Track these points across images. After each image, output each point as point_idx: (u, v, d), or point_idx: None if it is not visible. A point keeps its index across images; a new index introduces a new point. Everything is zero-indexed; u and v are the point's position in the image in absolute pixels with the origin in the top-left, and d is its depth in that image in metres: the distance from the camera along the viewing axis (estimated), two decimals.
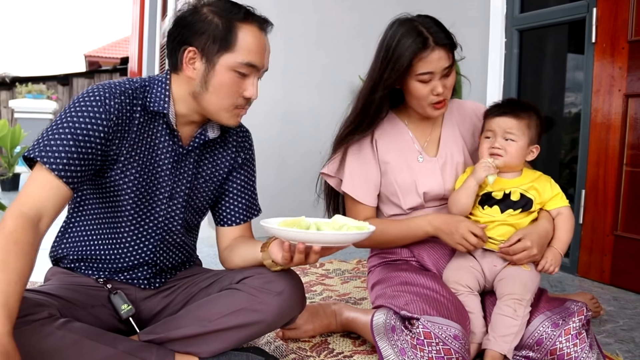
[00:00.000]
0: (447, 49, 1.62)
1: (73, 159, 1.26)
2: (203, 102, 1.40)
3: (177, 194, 1.48)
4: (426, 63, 1.60)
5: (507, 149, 1.63)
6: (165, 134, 1.44)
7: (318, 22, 3.74)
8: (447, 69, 1.63)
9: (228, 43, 1.35)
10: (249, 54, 1.37)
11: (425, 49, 1.59)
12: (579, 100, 2.89)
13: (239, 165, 1.60)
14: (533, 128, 1.65)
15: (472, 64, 3.51)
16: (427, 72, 1.62)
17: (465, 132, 1.85)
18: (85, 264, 1.48)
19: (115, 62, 12.67)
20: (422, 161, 1.78)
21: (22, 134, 6.22)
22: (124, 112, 1.35)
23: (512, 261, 1.60)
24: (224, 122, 1.44)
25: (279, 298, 1.38)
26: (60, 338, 1.16)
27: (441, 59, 1.61)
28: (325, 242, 1.27)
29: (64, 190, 1.25)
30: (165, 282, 1.56)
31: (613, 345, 1.82)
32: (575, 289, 2.51)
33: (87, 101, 1.31)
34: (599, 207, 2.62)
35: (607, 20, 2.57)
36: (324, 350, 1.71)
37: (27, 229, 1.15)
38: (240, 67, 1.37)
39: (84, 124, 1.28)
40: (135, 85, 1.40)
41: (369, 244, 1.83)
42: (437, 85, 1.63)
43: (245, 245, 1.52)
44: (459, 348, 1.42)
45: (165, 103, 1.41)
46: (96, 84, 1.37)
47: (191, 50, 1.37)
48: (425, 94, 1.66)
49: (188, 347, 1.37)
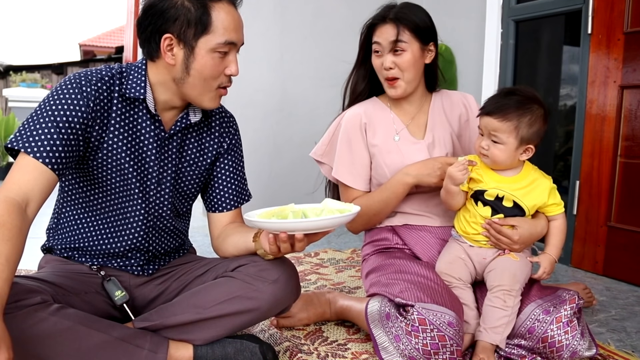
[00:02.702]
0: (397, 25, 1.72)
1: (56, 145, 1.26)
2: (186, 87, 1.40)
3: (164, 178, 1.48)
4: (376, 35, 1.76)
5: (492, 151, 1.56)
6: (147, 119, 1.44)
7: (313, 12, 3.73)
8: (394, 44, 1.72)
9: (204, 25, 1.34)
10: (226, 32, 1.36)
11: (380, 22, 1.75)
12: (574, 91, 2.89)
13: (225, 151, 1.60)
14: (525, 128, 1.53)
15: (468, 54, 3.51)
16: (376, 41, 1.76)
17: (453, 119, 1.87)
18: (79, 252, 1.49)
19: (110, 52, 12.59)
20: (398, 140, 1.81)
21: (16, 122, 6.20)
22: (101, 99, 1.36)
23: (491, 240, 1.60)
24: (205, 105, 1.44)
25: (273, 286, 1.39)
26: (53, 324, 1.16)
27: (388, 32, 1.73)
28: (305, 230, 1.26)
29: (49, 175, 1.25)
30: (159, 268, 1.57)
31: (605, 335, 1.84)
32: (568, 279, 2.53)
33: (65, 89, 1.33)
34: (593, 198, 2.63)
35: (604, 11, 2.56)
36: (318, 339, 1.71)
37: (14, 213, 1.14)
38: (221, 47, 1.36)
39: (63, 110, 1.29)
40: (112, 72, 1.41)
41: (361, 224, 1.87)
42: (386, 59, 1.74)
43: (238, 234, 1.52)
44: (453, 334, 1.43)
45: (142, 89, 1.41)
46: (73, 72, 1.38)
47: (167, 38, 1.36)
48: (378, 67, 1.79)
49: (183, 334, 1.38)
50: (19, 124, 6.26)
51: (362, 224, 1.87)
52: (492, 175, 1.61)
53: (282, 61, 3.65)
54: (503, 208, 1.60)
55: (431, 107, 1.87)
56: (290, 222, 1.26)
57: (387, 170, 1.79)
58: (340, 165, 1.83)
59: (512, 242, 1.57)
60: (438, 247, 1.76)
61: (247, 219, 1.30)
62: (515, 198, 1.59)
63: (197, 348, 1.37)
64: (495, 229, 1.58)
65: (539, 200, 1.60)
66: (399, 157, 1.79)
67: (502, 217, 1.60)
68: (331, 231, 1.32)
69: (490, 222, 1.59)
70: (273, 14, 3.62)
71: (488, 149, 1.57)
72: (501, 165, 1.59)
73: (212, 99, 1.43)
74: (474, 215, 1.63)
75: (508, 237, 1.57)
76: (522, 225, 1.59)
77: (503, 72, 3.24)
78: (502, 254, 1.61)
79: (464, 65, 3.57)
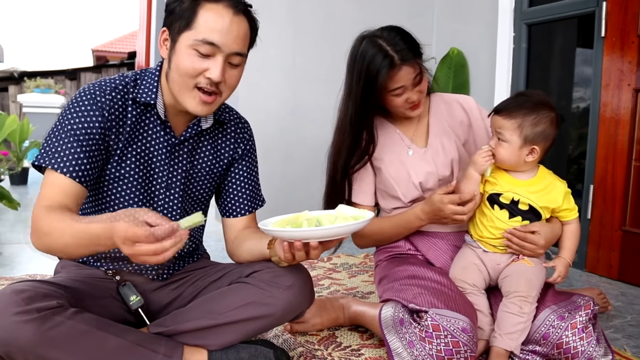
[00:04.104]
0: (413, 62, 1.66)
1: (80, 158, 1.31)
2: (170, 82, 1.41)
3: (173, 184, 1.49)
4: (396, 81, 1.67)
5: (497, 149, 1.59)
6: (157, 125, 1.46)
7: (325, 15, 3.74)
8: (416, 79, 1.68)
9: (188, 21, 1.34)
10: (207, 31, 1.33)
11: (392, 69, 1.64)
12: (588, 95, 2.87)
13: (239, 157, 1.61)
14: (529, 127, 1.54)
15: (481, 58, 3.51)
16: (398, 87, 1.68)
17: (454, 125, 1.86)
18: (94, 256, 1.50)
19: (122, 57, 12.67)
20: (412, 154, 1.81)
21: (30, 128, 6.25)
22: (116, 108, 1.38)
23: (513, 248, 1.60)
24: (188, 107, 1.39)
25: (288, 292, 1.39)
26: (70, 327, 1.17)
27: (409, 73, 1.66)
28: (319, 238, 1.26)
29: (79, 189, 1.32)
30: (174, 273, 1.58)
31: (621, 341, 1.82)
32: (583, 284, 2.51)
33: (80, 101, 1.36)
34: (607, 203, 2.61)
35: (617, 14, 2.55)
36: (331, 344, 1.71)
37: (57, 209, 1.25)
38: (198, 44, 1.33)
39: (80, 123, 1.33)
40: (127, 80, 1.43)
41: (370, 243, 1.89)
42: (411, 95, 1.70)
43: (252, 240, 1.53)
44: (467, 341, 1.43)
45: (153, 94, 1.43)
46: (87, 83, 1.40)
47: (164, 31, 1.40)
48: (400, 104, 1.72)
49: (197, 340, 1.38)
50: (33, 129, 6.32)
51: (371, 243, 1.91)
52: (507, 178, 1.62)
53: (294, 65, 3.66)
54: (519, 211, 1.60)
55: (431, 111, 1.87)
56: (304, 231, 1.26)
57: (394, 182, 1.81)
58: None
59: (538, 247, 1.57)
60: (451, 253, 1.76)
61: (262, 227, 1.30)
62: (531, 201, 1.59)
63: (211, 353, 1.38)
64: (518, 236, 1.58)
65: (554, 203, 1.60)
66: (403, 168, 1.80)
67: (527, 223, 1.60)
68: (345, 238, 1.32)
69: (512, 231, 1.59)
70: (285, 19, 3.63)
71: (495, 147, 1.59)
72: (506, 165, 1.60)
73: (192, 99, 1.38)
74: (490, 219, 1.63)
75: (534, 242, 1.57)
76: (542, 229, 1.58)
77: (515, 76, 3.23)
78: (516, 260, 1.60)
79: (476, 69, 3.56)
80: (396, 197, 1.81)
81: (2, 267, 2.68)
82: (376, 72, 1.65)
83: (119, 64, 11.82)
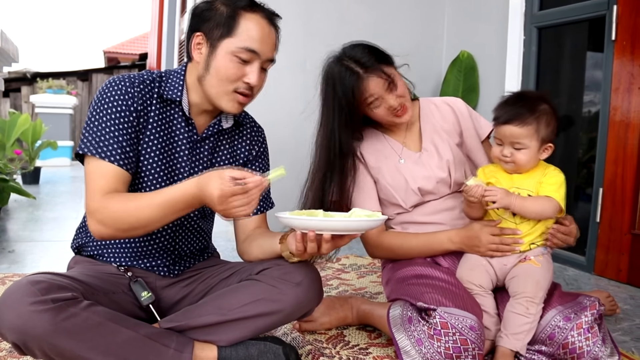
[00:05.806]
0: (379, 70, 1.66)
1: (122, 146, 1.39)
2: (205, 85, 1.46)
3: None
4: (368, 93, 1.68)
5: (516, 157, 1.58)
6: (182, 121, 1.51)
7: (337, 18, 3.75)
8: (388, 84, 1.68)
9: (230, 28, 1.42)
10: (249, 39, 1.42)
11: (360, 82, 1.66)
12: (598, 98, 2.87)
13: (253, 158, 1.66)
14: (543, 129, 1.57)
15: (491, 61, 3.51)
16: (374, 98, 1.69)
17: (448, 128, 1.86)
18: (107, 251, 1.53)
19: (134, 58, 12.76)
20: (403, 162, 1.81)
21: (42, 128, 6.32)
22: (144, 100, 1.44)
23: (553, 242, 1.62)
24: (223, 107, 1.48)
25: (297, 289, 1.41)
26: (84, 319, 1.19)
27: (378, 83, 1.67)
28: (334, 229, 1.28)
29: (125, 175, 1.40)
30: (185, 270, 1.60)
31: (629, 343, 1.82)
32: (591, 287, 2.51)
33: (112, 90, 1.41)
34: (617, 206, 2.61)
35: (628, 17, 2.55)
36: (339, 343, 1.73)
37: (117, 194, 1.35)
38: (240, 52, 1.42)
39: (116, 109, 1.39)
40: (153, 76, 1.49)
41: (386, 255, 1.85)
42: (388, 100, 1.70)
43: (264, 237, 1.55)
44: (475, 338, 1.44)
45: (179, 92, 1.49)
46: (114, 76, 1.46)
47: (198, 36, 1.45)
48: (384, 113, 1.73)
49: (208, 336, 1.40)
50: (46, 129, 6.39)
51: (386, 254, 1.85)
52: (506, 176, 1.64)
53: (305, 68, 3.68)
54: None
55: (421, 115, 1.88)
56: (320, 220, 1.29)
57: (393, 190, 1.80)
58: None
59: (574, 236, 1.63)
60: (457, 253, 1.76)
61: (279, 215, 1.32)
62: (531, 192, 1.60)
63: (221, 349, 1.40)
64: (562, 231, 1.61)
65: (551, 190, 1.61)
66: (400, 175, 1.80)
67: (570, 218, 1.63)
68: (356, 236, 1.34)
69: (554, 231, 1.61)
70: (297, 21, 3.65)
71: (511, 155, 1.59)
72: (526, 168, 1.61)
73: (229, 101, 1.47)
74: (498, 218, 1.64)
75: (572, 233, 1.63)
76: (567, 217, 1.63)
77: (525, 79, 3.23)
78: (524, 261, 1.61)
79: (486, 72, 3.56)
80: (397, 204, 1.82)
81: (15, 264, 2.72)
82: (349, 90, 1.67)
83: (131, 65, 11.90)
